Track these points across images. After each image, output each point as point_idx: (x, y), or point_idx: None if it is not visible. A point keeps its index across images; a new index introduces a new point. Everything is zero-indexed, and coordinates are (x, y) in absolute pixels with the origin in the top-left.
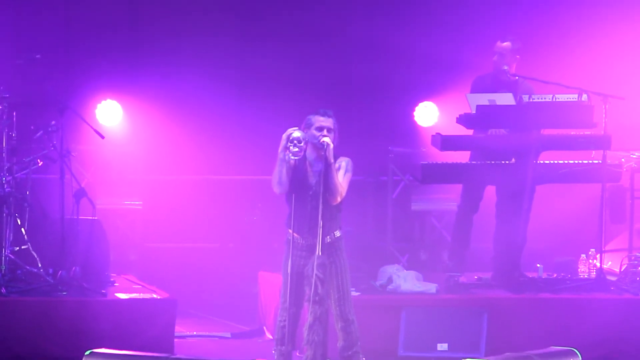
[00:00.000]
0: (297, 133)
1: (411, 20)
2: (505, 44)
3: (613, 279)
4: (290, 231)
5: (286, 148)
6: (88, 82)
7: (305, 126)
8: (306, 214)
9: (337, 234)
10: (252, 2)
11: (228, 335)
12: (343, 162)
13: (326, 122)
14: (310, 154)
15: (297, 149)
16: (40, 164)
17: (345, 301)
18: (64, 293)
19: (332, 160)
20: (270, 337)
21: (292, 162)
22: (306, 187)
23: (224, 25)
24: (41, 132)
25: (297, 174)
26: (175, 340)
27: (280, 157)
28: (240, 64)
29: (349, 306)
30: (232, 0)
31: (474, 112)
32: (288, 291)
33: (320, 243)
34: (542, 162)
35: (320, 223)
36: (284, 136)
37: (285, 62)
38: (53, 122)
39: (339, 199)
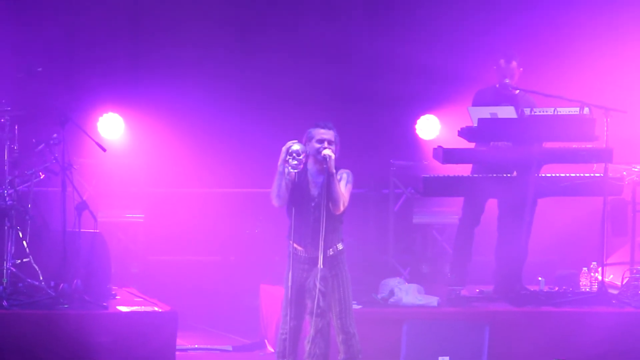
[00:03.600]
0: (296, 146)
1: (413, 34)
2: (512, 64)
3: (615, 292)
4: (293, 243)
5: (285, 161)
6: (89, 95)
7: (307, 139)
8: (308, 226)
9: (340, 246)
10: (254, 15)
11: (229, 348)
12: (344, 174)
13: (327, 134)
14: (311, 166)
15: (296, 162)
16: (42, 177)
17: (346, 314)
18: (66, 306)
19: (334, 171)
20: (272, 350)
21: (292, 174)
22: (308, 199)
23: (226, 38)
24: (43, 144)
25: (298, 186)
26: (177, 353)
27: (280, 169)
28: (242, 77)
29: (350, 319)
30: (234, 14)
31: (476, 125)
32: (289, 304)
33: (323, 255)
34: (543, 175)
35: (323, 234)
36: (284, 149)
37: (286, 74)
38: (55, 135)
39: (342, 208)
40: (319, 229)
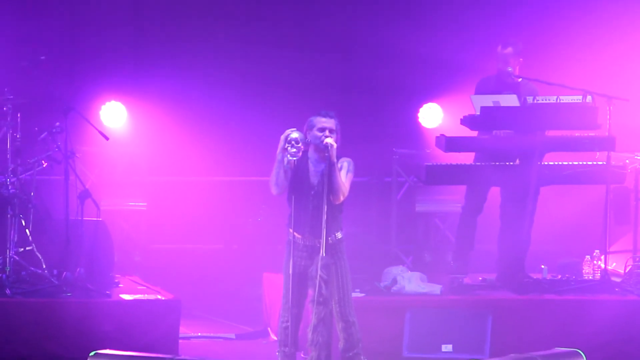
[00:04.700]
0: (295, 134)
1: (415, 22)
2: (507, 50)
3: (617, 280)
4: (292, 231)
5: (284, 149)
6: (92, 83)
7: (308, 127)
8: (307, 214)
9: (339, 235)
10: (257, 6)
11: (232, 336)
12: (345, 163)
13: (328, 122)
14: (312, 154)
15: (295, 150)
16: (44, 165)
17: (346, 302)
18: (69, 294)
19: (335, 160)
20: (275, 338)
21: (291, 162)
22: (308, 187)
23: (228, 28)
24: (45, 133)
25: (298, 174)
26: (180, 341)
27: (279, 158)
28: (244, 66)
29: (349, 307)
30: (236, 3)
31: (479, 113)
32: (290, 292)
33: (324, 243)
34: (546, 163)
35: (324, 222)
36: (282, 137)
37: (289, 64)
38: (57, 124)
39: (342, 198)
40: (318, 217)
